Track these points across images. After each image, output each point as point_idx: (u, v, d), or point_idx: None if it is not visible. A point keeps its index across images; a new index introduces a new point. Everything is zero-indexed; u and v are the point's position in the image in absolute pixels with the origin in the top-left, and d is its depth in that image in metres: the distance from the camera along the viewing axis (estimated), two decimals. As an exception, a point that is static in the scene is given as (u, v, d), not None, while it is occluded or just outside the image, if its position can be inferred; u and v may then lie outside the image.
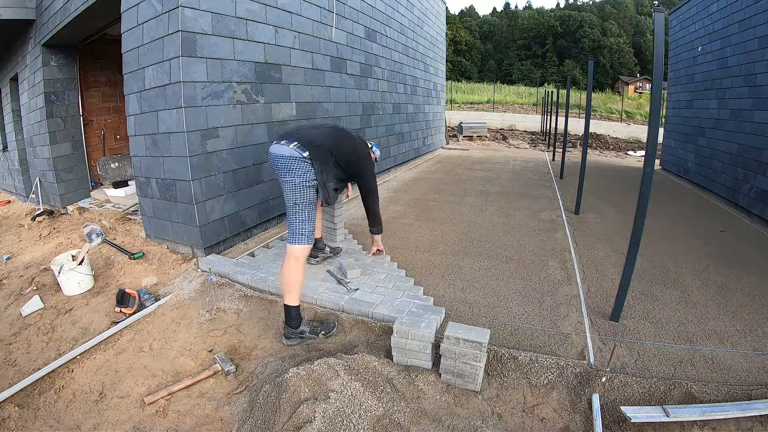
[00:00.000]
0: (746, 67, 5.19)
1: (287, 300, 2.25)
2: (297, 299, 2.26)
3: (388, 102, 6.76)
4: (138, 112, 3.34)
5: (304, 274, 2.32)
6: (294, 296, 2.24)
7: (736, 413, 1.72)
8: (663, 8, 2.20)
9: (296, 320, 2.27)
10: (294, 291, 2.24)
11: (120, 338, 2.42)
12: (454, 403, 1.85)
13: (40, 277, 3.20)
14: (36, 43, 4.81)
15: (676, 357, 2.13)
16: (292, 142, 2.33)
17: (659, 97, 2.12)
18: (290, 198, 2.31)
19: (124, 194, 5.16)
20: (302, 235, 2.28)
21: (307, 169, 2.30)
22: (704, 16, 6.52)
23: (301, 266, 2.26)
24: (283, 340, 2.32)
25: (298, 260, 2.26)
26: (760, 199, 4.62)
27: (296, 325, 2.28)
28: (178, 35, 2.89)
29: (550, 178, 7.07)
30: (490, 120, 17.94)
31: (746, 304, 2.71)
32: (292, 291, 2.23)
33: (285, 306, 2.26)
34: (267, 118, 3.81)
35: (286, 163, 2.31)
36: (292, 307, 2.25)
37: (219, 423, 1.80)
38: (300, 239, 2.28)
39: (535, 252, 3.53)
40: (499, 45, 53.74)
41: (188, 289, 2.89)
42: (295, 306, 2.25)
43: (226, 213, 3.45)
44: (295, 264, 2.25)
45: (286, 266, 2.25)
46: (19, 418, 1.81)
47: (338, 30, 4.92)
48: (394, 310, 2.41)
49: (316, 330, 2.33)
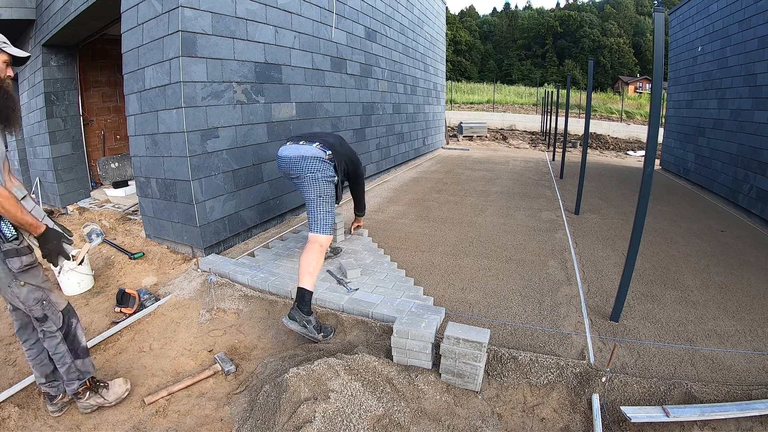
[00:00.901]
0: (746, 67, 5.19)
1: (304, 283, 2.26)
2: (313, 285, 2.29)
3: (388, 102, 6.76)
4: (138, 112, 3.34)
5: (322, 264, 2.48)
6: (311, 281, 2.28)
7: (736, 413, 1.72)
8: (663, 8, 2.20)
9: (308, 306, 2.27)
10: (313, 276, 2.29)
11: (120, 338, 2.42)
12: (454, 403, 1.85)
13: (40, 277, 3.19)
14: (36, 43, 4.81)
15: (676, 357, 2.13)
16: (313, 143, 2.57)
17: (659, 97, 2.12)
18: (314, 191, 2.51)
19: (124, 194, 5.16)
20: (326, 226, 2.48)
21: (328, 167, 2.55)
22: (704, 16, 6.52)
23: (322, 254, 2.41)
24: (285, 319, 2.20)
25: (322, 247, 2.42)
26: (760, 199, 4.62)
27: (308, 312, 2.27)
28: (178, 35, 2.89)
29: (550, 178, 7.07)
30: (489, 120, 17.95)
31: (746, 304, 2.71)
32: (312, 275, 2.29)
33: (300, 289, 2.26)
34: (267, 118, 3.81)
35: (310, 161, 2.52)
36: (306, 291, 2.26)
37: (219, 423, 1.80)
38: (324, 229, 2.47)
39: (535, 252, 3.53)
40: (499, 45, 53.77)
41: (188, 289, 2.89)
42: (309, 290, 2.27)
43: (226, 213, 3.45)
44: (318, 251, 2.38)
45: (310, 252, 2.35)
46: (19, 418, 1.81)
47: (338, 30, 4.92)
48: (394, 310, 2.41)
49: (318, 329, 2.32)
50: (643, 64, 45.21)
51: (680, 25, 7.55)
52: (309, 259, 2.32)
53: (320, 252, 2.39)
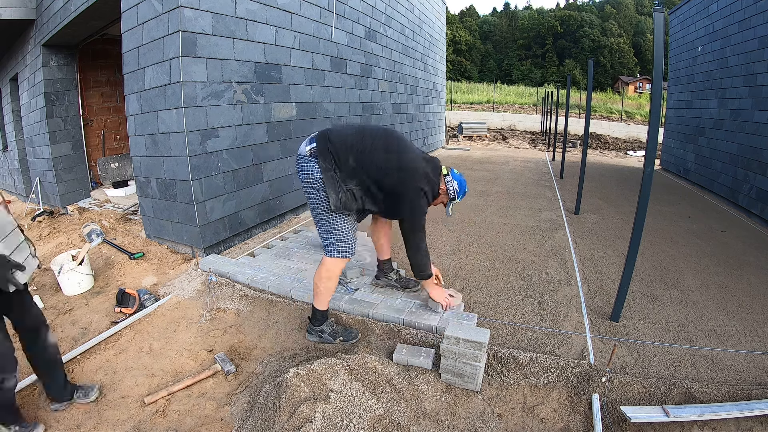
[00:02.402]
0: (746, 67, 5.19)
1: (314, 301, 2.25)
2: (322, 304, 2.24)
3: (388, 102, 6.76)
4: (138, 112, 3.34)
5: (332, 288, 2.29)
6: (318, 300, 2.23)
7: (736, 413, 1.72)
8: (663, 8, 2.20)
9: (320, 321, 2.27)
10: (320, 297, 2.23)
11: (120, 338, 2.42)
12: (454, 403, 1.85)
13: (40, 277, 3.19)
14: (36, 43, 4.81)
15: (676, 357, 2.13)
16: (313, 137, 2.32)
17: (659, 97, 2.12)
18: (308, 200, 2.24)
19: (124, 194, 5.16)
20: (328, 245, 2.18)
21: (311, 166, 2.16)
22: (704, 16, 6.52)
23: (330, 280, 2.21)
24: (306, 334, 2.35)
25: (329, 272, 2.19)
26: (760, 199, 4.62)
27: (318, 324, 2.27)
28: (178, 35, 2.89)
29: (550, 178, 7.07)
30: (489, 120, 17.94)
31: (746, 304, 2.71)
32: (319, 296, 2.23)
33: (312, 306, 2.28)
34: (267, 118, 3.81)
35: (296, 161, 2.31)
36: (315, 309, 2.26)
37: (219, 423, 1.80)
38: (328, 249, 2.19)
39: (535, 252, 3.53)
40: (499, 45, 53.75)
41: (188, 289, 2.89)
42: (318, 309, 2.24)
43: (226, 213, 3.45)
44: (325, 275, 2.18)
45: (316, 273, 2.22)
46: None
47: (338, 30, 4.92)
48: (394, 310, 2.41)
49: (335, 334, 2.29)
50: (643, 64, 45.19)
51: (680, 25, 7.55)
52: (315, 280, 2.19)
53: (327, 277, 2.15)
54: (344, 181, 2.04)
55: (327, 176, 2.01)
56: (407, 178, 2.08)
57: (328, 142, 2.03)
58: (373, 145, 2.06)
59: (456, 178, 2.29)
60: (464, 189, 2.32)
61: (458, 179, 2.30)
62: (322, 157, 2.01)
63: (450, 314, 2.40)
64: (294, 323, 2.47)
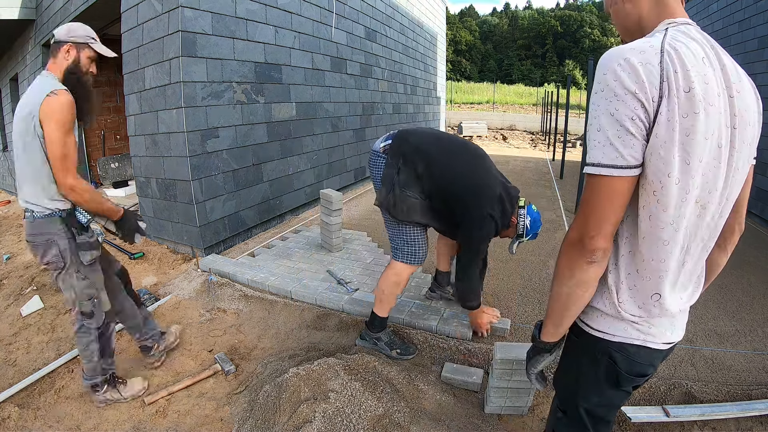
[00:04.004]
0: (746, 67, 5.18)
1: (375, 307, 2.13)
2: (384, 311, 2.12)
3: (388, 102, 6.76)
4: (138, 112, 3.34)
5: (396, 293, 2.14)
6: (380, 307, 2.12)
7: (736, 413, 1.72)
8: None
9: (378, 327, 2.15)
10: (383, 303, 2.11)
11: (120, 338, 2.41)
12: (454, 403, 1.85)
13: (40, 277, 3.19)
14: (36, 43, 4.81)
15: (676, 357, 2.13)
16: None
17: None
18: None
19: (124, 194, 5.17)
20: (396, 249, 2.08)
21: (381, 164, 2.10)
22: (704, 16, 6.52)
23: (397, 285, 2.09)
24: (357, 340, 2.23)
25: (398, 276, 2.07)
26: (760, 198, 4.62)
27: (377, 331, 2.16)
28: (178, 35, 2.89)
29: (550, 178, 7.07)
30: (489, 120, 17.95)
31: (746, 304, 2.71)
32: (382, 302, 2.11)
33: (371, 311, 2.16)
34: (267, 118, 3.81)
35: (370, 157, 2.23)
36: (375, 315, 2.14)
37: (219, 423, 1.80)
38: (396, 254, 2.09)
39: (535, 252, 3.53)
40: (499, 45, 53.77)
41: (188, 289, 2.89)
42: (378, 315, 2.12)
43: (226, 213, 3.45)
44: (393, 279, 2.07)
45: (382, 277, 2.12)
46: (19, 418, 1.81)
47: (338, 30, 4.92)
48: (394, 310, 2.41)
49: (392, 344, 2.17)
50: (643, 64, 45.15)
51: (680, 25, 7.54)
52: (381, 284, 2.07)
53: (395, 282, 2.03)
54: (404, 185, 1.89)
55: (386, 173, 1.92)
56: (476, 200, 1.89)
57: (404, 143, 1.93)
58: (449, 157, 1.93)
59: (531, 214, 2.01)
60: (536, 229, 2.02)
61: (534, 217, 2.01)
62: (392, 155, 1.92)
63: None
64: (294, 323, 2.48)
